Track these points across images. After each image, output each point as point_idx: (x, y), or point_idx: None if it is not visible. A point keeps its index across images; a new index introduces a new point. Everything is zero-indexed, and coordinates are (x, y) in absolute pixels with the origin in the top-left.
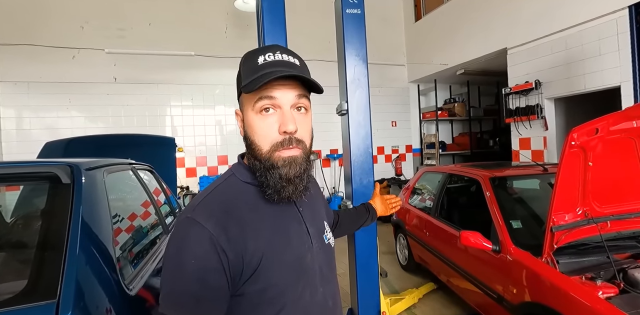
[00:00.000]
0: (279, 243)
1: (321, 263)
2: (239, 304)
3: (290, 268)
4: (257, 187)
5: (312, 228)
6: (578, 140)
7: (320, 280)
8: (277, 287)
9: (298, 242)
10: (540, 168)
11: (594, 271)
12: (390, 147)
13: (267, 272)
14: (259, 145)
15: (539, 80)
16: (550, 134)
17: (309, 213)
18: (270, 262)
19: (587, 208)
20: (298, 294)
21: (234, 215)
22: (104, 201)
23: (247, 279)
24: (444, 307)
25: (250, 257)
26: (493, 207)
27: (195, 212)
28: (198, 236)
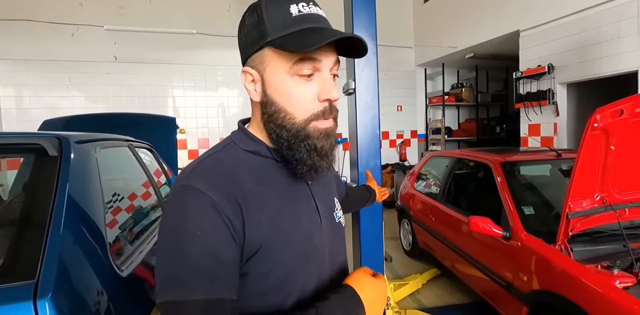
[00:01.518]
0: (286, 219)
1: (332, 243)
2: (241, 286)
3: (296, 248)
4: (261, 157)
5: (322, 205)
6: (601, 122)
7: (329, 260)
8: (283, 268)
9: (307, 219)
10: (553, 153)
11: (610, 260)
12: (395, 132)
13: (272, 251)
14: (293, 113)
15: (552, 64)
16: (561, 120)
17: (320, 189)
18: (275, 240)
19: (605, 194)
20: (305, 277)
21: (238, 185)
22: (94, 177)
23: (251, 257)
24: (447, 293)
25: (253, 233)
26: (504, 193)
27: (191, 179)
28: (200, 204)
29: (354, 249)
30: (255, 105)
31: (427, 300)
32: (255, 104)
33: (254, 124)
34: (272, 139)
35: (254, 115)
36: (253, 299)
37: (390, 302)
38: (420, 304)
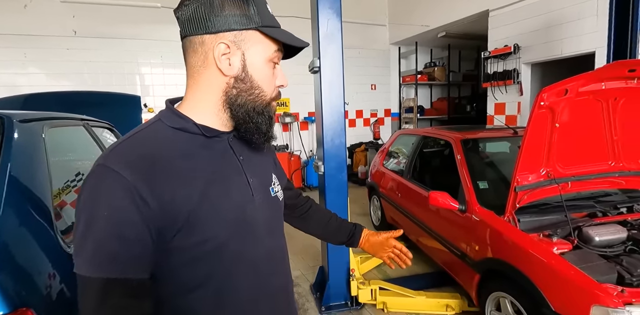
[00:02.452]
0: (216, 193)
1: (267, 216)
2: (174, 259)
3: (229, 219)
4: (189, 134)
5: (254, 179)
6: (547, 100)
7: (266, 233)
8: (216, 240)
9: (237, 192)
10: (511, 131)
11: (552, 229)
12: (369, 110)
13: (203, 224)
14: (266, 92)
15: (518, 44)
16: (525, 99)
17: (251, 164)
18: (206, 212)
19: (550, 169)
20: (241, 247)
21: (159, 162)
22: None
23: (179, 231)
24: (412, 264)
25: (180, 208)
26: (462, 168)
27: (108, 159)
28: (112, 185)
29: None
30: (217, 78)
31: (392, 271)
32: (220, 76)
33: (190, 98)
34: (232, 112)
35: (203, 88)
36: (188, 269)
37: (355, 274)
38: (386, 275)
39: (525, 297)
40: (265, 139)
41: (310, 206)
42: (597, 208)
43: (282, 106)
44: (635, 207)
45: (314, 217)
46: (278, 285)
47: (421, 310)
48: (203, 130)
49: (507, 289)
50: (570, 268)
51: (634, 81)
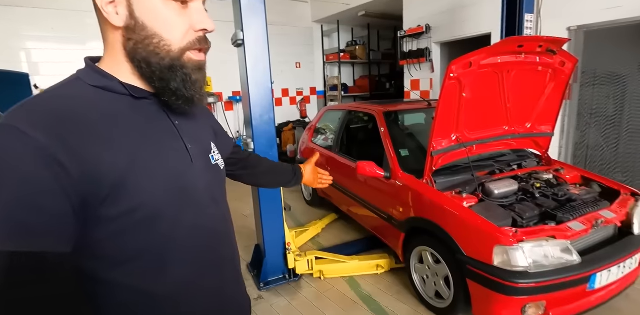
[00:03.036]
0: (147, 156)
1: (208, 183)
2: (101, 230)
3: (165, 186)
4: (113, 94)
5: (193, 145)
6: (456, 72)
7: (209, 201)
8: (149, 207)
9: (174, 158)
10: (426, 103)
11: (462, 187)
12: (295, 89)
13: (132, 191)
14: (169, 39)
15: (429, 25)
16: (436, 76)
17: (188, 129)
18: (136, 178)
19: (459, 134)
20: (180, 215)
21: (80, 122)
22: None
23: (106, 199)
24: (343, 233)
25: (105, 172)
26: (385, 138)
27: (15, 117)
28: (21, 148)
29: (253, 202)
30: (114, 32)
31: (326, 241)
32: (114, 30)
33: (108, 59)
34: (140, 70)
35: (110, 47)
36: (118, 240)
37: (291, 247)
38: (320, 246)
39: (442, 248)
40: (183, 102)
41: (256, 159)
42: (495, 167)
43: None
44: (523, 164)
45: (261, 168)
46: (224, 256)
47: (355, 273)
48: (130, 90)
49: (428, 242)
50: (477, 217)
51: (522, 56)
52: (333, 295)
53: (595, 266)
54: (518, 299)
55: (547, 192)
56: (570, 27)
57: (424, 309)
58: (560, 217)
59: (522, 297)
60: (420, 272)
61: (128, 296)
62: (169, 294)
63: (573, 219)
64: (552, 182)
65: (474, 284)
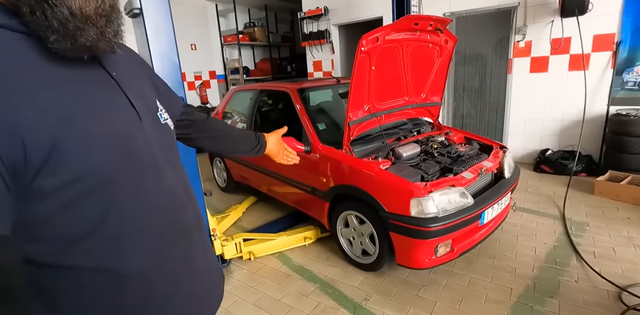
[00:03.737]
0: (86, 114)
1: (161, 145)
2: (43, 206)
3: (114, 148)
4: (27, 36)
5: (138, 101)
6: (366, 46)
7: (165, 164)
8: (94, 174)
9: (119, 115)
10: (334, 80)
11: (376, 153)
12: (193, 73)
13: (74, 155)
14: None
15: (327, 7)
16: (336, 56)
17: (129, 82)
18: (75, 139)
19: (370, 105)
20: (134, 181)
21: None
22: None
23: (41, 167)
24: (265, 214)
25: (36, 135)
26: (302, 114)
27: None
28: None
29: None
30: None
31: (249, 224)
32: None
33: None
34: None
35: None
36: (66, 215)
37: (216, 233)
38: (244, 229)
39: (366, 209)
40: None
41: (215, 122)
42: (400, 134)
43: None
44: (421, 130)
45: (221, 132)
46: (190, 222)
47: (284, 248)
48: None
49: (352, 206)
50: (393, 177)
51: (417, 33)
52: (266, 273)
53: (484, 205)
54: (432, 241)
55: (443, 151)
56: (445, 13)
57: (352, 268)
58: (455, 169)
59: (434, 239)
60: (346, 235)
61: (89, 280)
62: (137, 270)
63: (465, 170)
64: (444, 143)
65: (396, 235)
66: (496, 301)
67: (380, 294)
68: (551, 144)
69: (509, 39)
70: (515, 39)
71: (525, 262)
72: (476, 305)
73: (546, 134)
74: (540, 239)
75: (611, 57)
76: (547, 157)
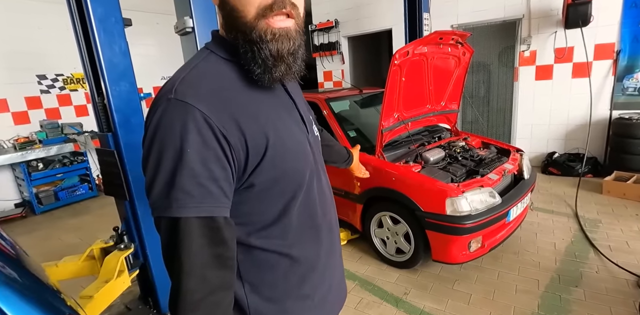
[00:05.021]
0: (281, 127)
1: (318, 152)
2: (246, 199)
3: (296, 154)
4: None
5: (306, 117)
6: (399, 60)
7: (321, 169)
8: (287, 176)
9: (297, 129)
10: (357, 90)
11: (405, 158)
12: None
13: (275, 158)
14: (242, 10)
15: (338, 20)
16: (346, 67)
17: (299, 101)
18: (277, 146)
19: (399, 113)
20: (307, 183)
21: (225, 95)
22: None
23: (255, 168)
24: None
25: (255, 140)
26: (333, 122)
27: (179, 92)
28: (190, 119)
29: None
30: (218, 10)
31: None
32: (217, 7)
33: (225, 29)
34: (235, 44)
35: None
36: (258, 205)
37: None
38: None
39: (401, 209)
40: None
41: (326, 134)
42: (424, 140)
43: None
44: (442, 135)
45: (329, 143)
46: (334, 220)
47: None
48: None
49: (386, 207)
50: (427, 179)
51: (440, 46)
52: None
53: (510, 203)
54: (466, 237)
55: (465, 155)
56: (453, 24)
57: (386, 266)
58: (481, 171)
59: (468, 235)
60: (379, 235)
61: (267, 259)
62: (302, 254)
63: (490, 172)
64: (465, 148)
65: (432, 232)
66: (526, 291)
67: (417, 288)
68: (557, 147)
69: (514, 49)
70: (521, 48)
71: (547, 256)
72: (508, 296)
73: (552, 138)
74: (557, 236)
75: (612, 65)
76: (555, 160)
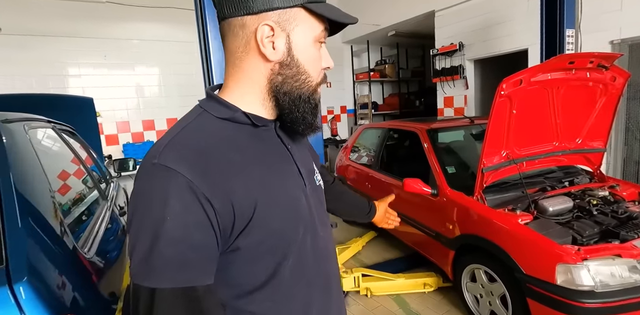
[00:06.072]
0: (273, 185)
1: (317, 205)
2: (233, 261)
3: (287, 212)
4: (237, 124)
5: (303, 168)
6: (506, 90)
7: (319, 223)
8: (276, 235)
9: (292, 183)
10: (467, 120)
11: (514, 204)
12: (326, 108)
13: (264, 219)
14: (313, 76)
15: (462, 42)
16: (470, 92)
17: (298, 153)
18: (266, 206)
19: (509, 151)
20: (299, 241)
21: (214, 155)
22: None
23: (242, 230)
24: (385, 251)
25: (242, 202)
26: (430, 156)
27: (163, 156)
28: (173, 185)
29: None
30: (260, 65)
31: (368, 259)
32: (264, 62)
33: (233, 88)
34: (276, 101)
35: (247, 77)
36: (246, 267)
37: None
38: (362, 263)
39: (498, 265)
40: (312, 130)
41: (340, 186)
42: (546, 183)
43: None
44: (575, 180)
45: (344, 197)
46: (333, 275)
47: (402, 291)
48: (253, 119)
49: (481, 260)
50: (535, 235)
51: (572, 72)
52: (381, 313)
53: None
54: None
55: (605, 209)
56: (614, 40)
57: None
58: (623, 235)
59: None
60: (472, 290)
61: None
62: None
63: (638, 237)
64: (608, 199)
65: (536, 303)
66: None
67: None
68: None
69: None
70: None
71: None
72: None
73: None
74: None
75: None
76: None
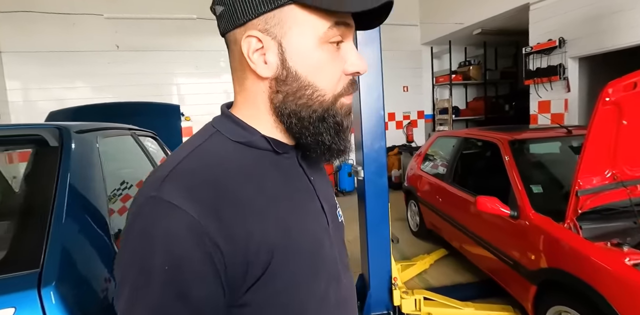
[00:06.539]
0: (294, 227)
1: (339, 246)
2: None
3: (309, 260)
4: (255, 150)
5: (326, 204)
6: (613, 96)
7: (342, 268)
8: (293, 288)
9: (315, 224)
10: (563, 130)
11: (620, 237)
12: (402, 113)
13: (281, 270)
14: (324, 89)
15: (563, 38)
16: (572, 96)
17: (319, 184)
18: (285, 254)
19: (616, 171)
20: (321, 293)
21: (227, 189)
22: (96, 166)
23: (255, 282)
24: (455, 272)
25: (258, 248)
26: (512, 171)
27: (163, 188)
28: (173, 225)
29: (360, 230)
30: (257, 83)
31: (434, 280)
32: (258, 80)
33: (245, 109)
34: (287, 124)
35: (250, 97)
36: None
37: (397, 283)
38: (428, 284)
39: (592, 311)
40: (335, 154)
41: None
42: None
43: None
44: None
45: None
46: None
47: None
48: (274, 145)
49: (571, 302)
50: None
51: None
52: None
53: None
54: None
55: None
56: None
57: None
58: None
59: None
60: None
61: None
62: None
63: None
64: None
65: None
66: None
67: None
68: None
69: None
70: None
71: None
72: None
73: None
74: None
75: None
76: None
